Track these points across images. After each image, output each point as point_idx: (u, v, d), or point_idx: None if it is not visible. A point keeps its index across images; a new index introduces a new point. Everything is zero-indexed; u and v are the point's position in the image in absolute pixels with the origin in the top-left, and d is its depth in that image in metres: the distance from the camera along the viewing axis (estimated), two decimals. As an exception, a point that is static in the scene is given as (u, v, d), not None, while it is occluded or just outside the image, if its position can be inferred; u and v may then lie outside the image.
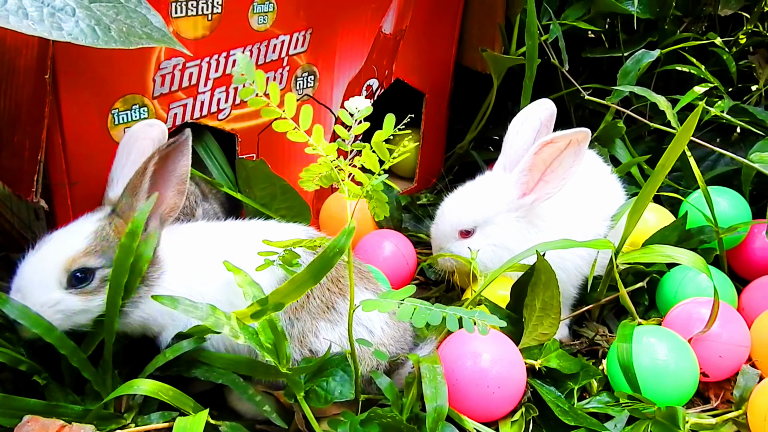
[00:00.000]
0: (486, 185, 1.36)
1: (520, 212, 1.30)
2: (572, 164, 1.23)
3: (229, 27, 1.31)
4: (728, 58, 1.80)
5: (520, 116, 1.38)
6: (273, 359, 0.89)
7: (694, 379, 1.15)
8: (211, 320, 0.88)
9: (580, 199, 1.33)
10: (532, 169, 1.26)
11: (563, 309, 1.37)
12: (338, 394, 0.92)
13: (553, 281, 1.10)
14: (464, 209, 1.33)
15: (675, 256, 1.20)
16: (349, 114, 0.90)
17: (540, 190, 1.27)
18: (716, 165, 1.77)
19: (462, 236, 1.33)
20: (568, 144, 1.22)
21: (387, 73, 1.76)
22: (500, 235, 1.30)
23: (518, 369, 1.07)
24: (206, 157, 1.37)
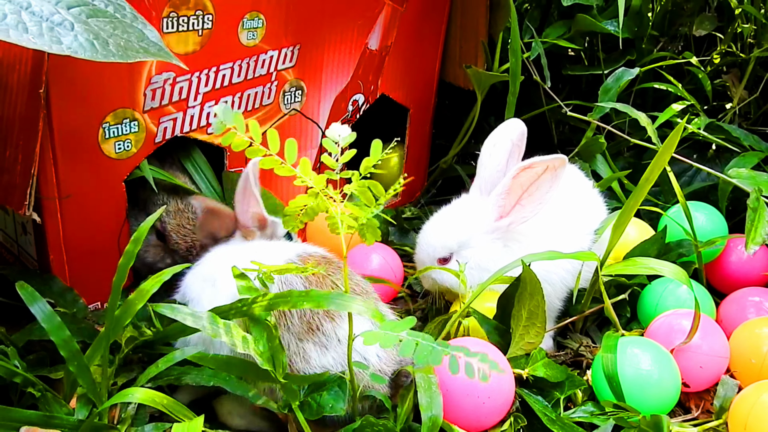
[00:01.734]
0: (460, 210, 1.37)
1: (497, 234, 1.32)
2: (549, 189, 1.26)
3: (219, 42, 1.32)
4: (703, 77, 1.86)
5: (491, 138, 1.39)
6: (270, 367, 0.90)
7: (676, 389, 1.18)
8: (211, 330, 0.88)
9: (563, 214, 1.35)
10: (510, 193, 1.28)
11: (548, 321, 1.40)
12: (329, 408, 0.93)
13: (538, 290, 1.13)
14: (438, 238, 1.35)
15: (657, 268, 1.23)
16: (333, 142, 0.92)
17: (516, 213, 1.29)
18: (693, 181, 1.82)
19: (440, 262, 1.35)
20: (545, 169, 1.24)
21: (372, 88, 1.78)
22: (477, 256, 1.32)
23: (507, 379, 1.09)
24: (194, 171, 1.38)
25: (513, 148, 1.37)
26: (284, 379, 0.91)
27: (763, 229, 1.26)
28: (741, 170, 1.39)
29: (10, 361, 0.95)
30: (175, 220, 1.32)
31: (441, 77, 2.02)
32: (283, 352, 0.93)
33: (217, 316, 0.91)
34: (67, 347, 0.91)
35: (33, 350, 1.11)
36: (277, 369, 0.91)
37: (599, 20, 1.80)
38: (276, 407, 0.95)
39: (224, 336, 0.88)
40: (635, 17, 1.87)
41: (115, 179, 1.25)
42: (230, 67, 1.37)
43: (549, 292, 1.29)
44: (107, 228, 1.28)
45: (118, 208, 1.28)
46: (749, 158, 1.64)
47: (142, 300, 0.93)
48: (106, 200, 1.26)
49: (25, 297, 0.96)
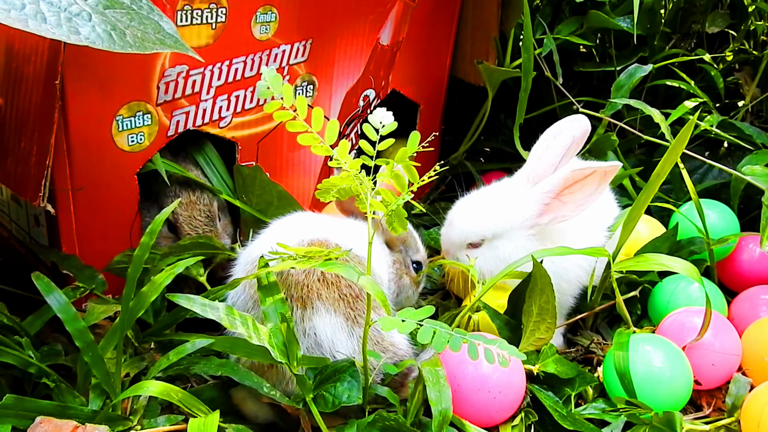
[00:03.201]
0: (502, 196, 1.32)
1: (534, 230, 1.29)
2: (594, 191, 1.22)
3: (232, 36, 1.32)
4: (716, 75, 1.85)
5: (552, 130, 1.35)
6: (284, 359, 0.90)
7: (688, 387, 1.18)
8: (227, 321, 0.89)
9: (584, 214, 1.34)
10: (561, 189, 1.24)
11: (559, 317, 1.39)
12: (346, 398, 0.93)
13: (548, 287, 1.12)
14: (475, 221, 1.31)
15: (669, 264, 1.22)
16: (374, 129, 0.92)
17: (558, 210, 1.25)
18: (705, 178, 1.81)
19: (470, 246, 1.32)
20: (593, 173, 1.21)
21: (384, 84, 1.78)
22: (508, 250, 1.28)
23: (518, 375, 1.09)
24: (205, 165, 1.39)
25: (573, 144, 1.32)
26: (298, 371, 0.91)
27: (778, 226, 1.26)
28: (755, 167, 1.38)
29: (25, 351, 0.96)
30: (187, 212, 1.33)
31: (452, 73, 2.02)
32: (298, 345, 0.93)
33: (232, 308, 0.91)
34: (82, 338, 0.91)
35: (45, 341, 1.11)
36: (291, 361, 0.91)
37: (612, 17, 1.79)
38: (288, 401, 0.95)
39: (240, 327, 0.88)
40: (648, 14, 1.86)
41: (128, 172, 1.26)
42: (243, 61, 1.37)
43: (564, 289, 1.29)
44: (120, 220, 1.28)
45: (130, 200, 1.28)
46: (762, 156, 1.62)
47: (156, 292, 0.93)
48: (119, 192, 1.26)
49: (41, 287, 0.97)
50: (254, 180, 1.39)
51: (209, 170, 1.38)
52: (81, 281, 1.16)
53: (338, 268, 0.87)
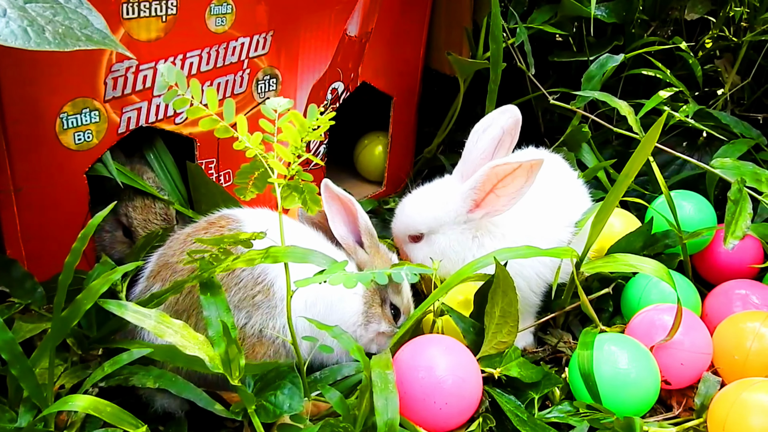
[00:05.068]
0: (439, 193, 1.33)
1: (468, 225, 1.29)
2: (524, 184, 1.21)
3: (185, 29, 1.28)
4: (694, 62, 1.80)
5: (482, 123, 1.34)
6: (224, 371, 0.86)
7: (655, 388, 1.14)
8: (158, 329, 0.84)
9: (541, 206, 1.31)
10: (484, 185, 1.24)
11: (528, 316, 1.36)
12: (287, 408, 0.89)
13: (511, 288, 1.08)
14: (414, 215, 1.33)
15: (637, 265, 1.18)
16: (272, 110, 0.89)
17: (490, 205, 1.25)
18: (683, 169, 1.76)
19: (411, 240, 1.33)
20: (519, 166, 1.20)
21: (353, 76, 1.73)
22: (444, 245, 1.29)
23: (473, 380, 1.05)
24: (155, 164, 1.34)
25: (504, 136, 1.31)
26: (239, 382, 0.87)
27: (744, 222, 1.22)
28: (725, 160, 1.34)
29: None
30: (141, 215, 1.28)
31: (427, 64, 1.97)
32: (241, 354, 0.89)
33: (164, 315, 0.87)
34: (9, 350, 0.87)
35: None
36: (233, 371, 0.87)
37: (586, 5, 1.74)
38: (228, 413, 0.91)
39: (172, 336, 0.84)
40: (624, 1, 1.81)
41: (76, 171, 1.21)
42: (198, 55, 1.33)
43: (523, 286, 1.25)
44: (68, 222, 1.23)
45: (79, 201, 1.23)
46: (738, 146, 1.59)
47: (91, 300, 0.89)
48: (67, 193, 1.21)
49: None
50: (199, 180, 1.34)
51: (159, 168, 1.33)
52: (18, 296, 1.11)
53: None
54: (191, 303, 1.01)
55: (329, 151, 1.94)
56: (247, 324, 1.03)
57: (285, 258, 0.85)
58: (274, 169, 0.88)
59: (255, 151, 0.86)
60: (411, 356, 1.04)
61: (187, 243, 1.05)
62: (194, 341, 0.85)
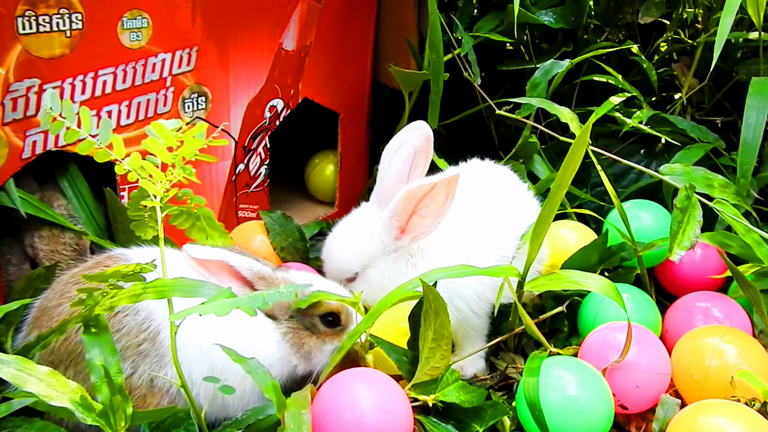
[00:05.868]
0: (360, 227, 1.24)
1: (399, 252, 1.21)
2: (445, 201, 1.14)
3: (95, 44, 1.19)
4: (648, 67, 1.74)
5: (391, 145, 1.26)
6: (104, 421, 0.76)
7: (608, 414, 1.05)
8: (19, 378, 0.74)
9: (479, 220, 1.23)
10: (404, 209, 1.16)
11: (476, 340, 1.27)
12: None
13: (443, 309, 1.00)
14: (342, 258, 1.24)
15: (583, 282, 1.09)
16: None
17: (416, 228, 1.18)
18: (641, 178, 1.69)
19: (347, 282, 1.24)
20: (435, 186, 1.12)
21: (293, 92, 1.65)
22: (380, 278, 1.21)
23: (401, 412, 0.95)
24: (69, 190, 1.24)
25: (417, 155, 1.24)
26: None
27: (692, 231, 1.14)
28: (675, 166, 1.27)
29: None
30: (48, 246, 1.18)
31: (376, 79, 1.90)
32: (128, 402, 0.79)
33: (28, 361, 0.77)
34: None
35: None
36: (117, 422, 0.77)
37: (533, 11, 1.68)
38: None
39: (35, 386, 0.74)
40: (573, 7, 1.75)
41: (-25, 201, 1.12)
42: (112, 72, 1.24)
43: (462, 307, 1.17)
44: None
45: (-20, 233, 1.14)
46: (695, 151, 1.52)
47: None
48: (-36, 226, 1.12)
49: None
50: (117, 208, 1.24)
51: (74, 198, 1.23)
52: None
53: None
54: (70, 351, 0.91)
55: (279, 172, 1.85)
56: (134, 374, 0.93)
57: (171, 292, 0.76)
58: (155, 194, 0.79)
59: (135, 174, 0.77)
60: (331, 393, 0.95)
61: (69, 286, 0.96)
62: (63, 389, 0.75)
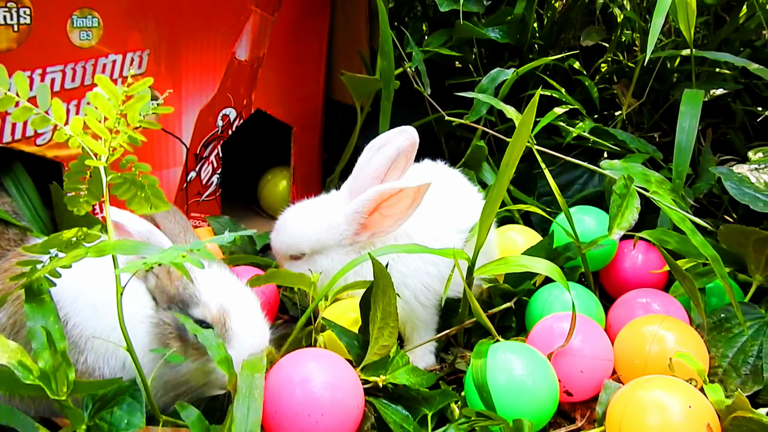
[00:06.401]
0: (324, 212, 1.25)
1: (354, 246, 1.23)
2: (410, 206, 1.17)
3: (44, 41, 1.20)
4: (590, 84, 1.83)
5: (377, 141, 1.28)
6: (46, 386, 0.74)
7: (553, 396, 1.07)
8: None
9: (429, 214, 1.25)
10: (371, 208, 1.18)
11: (424, 333, 1.28)
12: (125, 425, 0.78)
13: (390, 287, 1.01)
14: (297, 235, 1.25)
15: (530, 265, 1.13)
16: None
17: (376, 226, 1.20)
18: (585, 187, 1.76)
19: (291, 258, 1.26)
20: (402, 190, 1.15)
21: (246, 102, 1.67)
22: (326, 266, 1.22)
23: (352, 391, 0.95)
24: (12, 188, 1.22)
25: (399, 157, 1.25)
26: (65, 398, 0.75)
27: (631, 214, 1.19)
28: (614, 162, 1.33)
29: None
30: (-10, 246, 1.16)
31: (329, 95, 1.93)
32: (70, 368, 0.77)
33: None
34: None
35: None
36: (59, 388, 0.75)
37: (481, 27, 1.75)
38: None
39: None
40: (519, 25, 1.83)
41: None
42: (61, 70, 1.24)
43: (409, 297, 1.19)
44: None
45: None
46: (635, 159, 1.58)
47: None
48: None
49: None
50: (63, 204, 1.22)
51: (18, 195, 1.21)
52: None
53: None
54: (13, 323, 0.90)
55: (231, 189, 1.86)
56: None
57: (112, 250, 0.76)
58: (99, 154, 0.79)
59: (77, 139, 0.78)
60: (284, 370, 0.94)
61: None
62: (2, 348, 0.73)
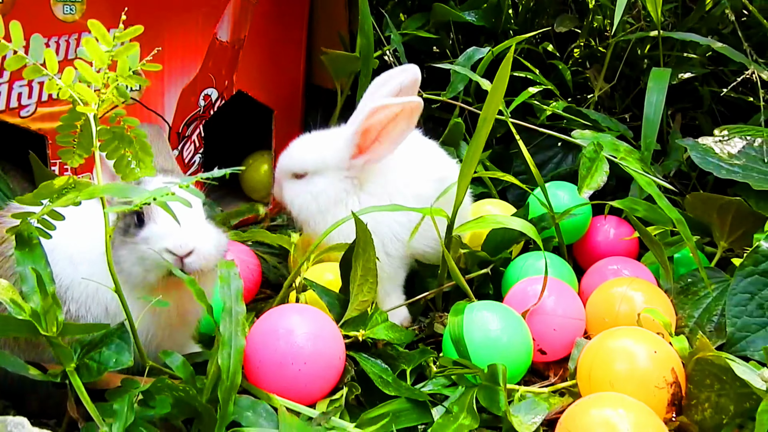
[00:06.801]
0: (330, 136, 1.34)
1: (351, 171, 1.29)
2: (406, 129, 1.24)
3: (28, 13, 1.22)
4: (563, 67, 1.88)
5: (381, 77, 1.37)
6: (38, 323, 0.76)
7: (527, 352, 1.11)
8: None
9: (411, 164, 1.33)
10: (367, 132, 1.25)
11: (391, 290, 1.32)
12: (113, 363, 0.81)
13: (370, 244, 1.06)
14: (303, 153, 1.32)
15: (506, 222, 1.19)
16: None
17: (373, 152, 1.26)
18: (559, 166, 1.82)
19: (293, 177, 1.32)
20: (401, 110, 1.22)
21: (227, 83, 1.70)
22: (321, 187, 1.29)
23: (333, 343, 0.99)
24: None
25: (401, 93, 1.33)
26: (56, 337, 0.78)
27: (600, 176, 1.25)
28: (585, 132, 1.38)
29: None
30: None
31: (309, 80, 1.97)
32: (59, 309, 0.80)
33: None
34: None
35: None
36: (49, 325, 0.78)
37: (457, 11, 1.79)
38: (45, 376, 0.81)
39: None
40: (494, 9, 1.88)
41: None
42: (45, 43, 1.26)
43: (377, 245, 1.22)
44: None
45: None
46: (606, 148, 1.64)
47: None
48: None
49: None
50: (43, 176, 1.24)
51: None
52: None
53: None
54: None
55: (213, 171, 1.88)
56: None
57: (103, 192, 0.78)
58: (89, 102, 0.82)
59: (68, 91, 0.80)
60: (266, 323, 0.98)
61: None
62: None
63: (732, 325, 1.11)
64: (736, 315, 1.11)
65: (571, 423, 0.88)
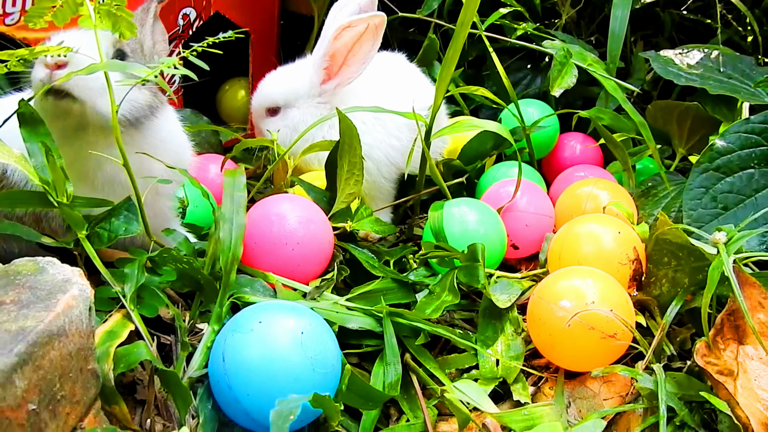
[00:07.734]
0: (298, 67, 1.36)
1: (323, 98, 1.32)
2: (371, 48, 1.27)
3: None
4: (531, -10, 1.93)
5: (340, 1, 1.38)
6: (51, 190, 0.81)
7: (501, 244, 1.20)
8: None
9: (384, 83, 1.37)
10: (334, 55, 1.28)
11: (381, 203, 1.38)
12: (123, 231, 0.86)
13: (355, 140, 1.11)
14: (273, 87, 1.35)
15: (481, 125, 1.26)
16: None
17: (342, 75, 1.30)
18: (529, 87, 1.89)
19: (268, 114, 1.35)
20: (366, 28, 1.24)
21: (205, 3, 1.71)
22: (297, 119, 1.32)
23: (324, 228, 1.06)
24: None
25: (360, 12, 1.34)
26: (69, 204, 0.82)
27: (569, 77, 1.32)
28: (555, 42, 1.44)
29: None
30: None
31: (285, 7, 1.99)
32: (69, 182, 0.84)
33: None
34: None
35: None
36: (59, 193, 0.82)
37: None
38: (58, 242, 0.86)
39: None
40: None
41: None
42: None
43: (373, 170, 1.29)
44: None
45: None
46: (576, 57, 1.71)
47: None
48: None
49: None
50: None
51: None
52: None
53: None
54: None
55: (191, 99, 1.90)
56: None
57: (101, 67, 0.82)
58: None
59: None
60: (259, 211, 1.04)
61: None
62: (7, 151, 0.80)
63: (688, 217, 1.20)
64: (692, 207, 1.21)
65: (543, 292, 0.96)
